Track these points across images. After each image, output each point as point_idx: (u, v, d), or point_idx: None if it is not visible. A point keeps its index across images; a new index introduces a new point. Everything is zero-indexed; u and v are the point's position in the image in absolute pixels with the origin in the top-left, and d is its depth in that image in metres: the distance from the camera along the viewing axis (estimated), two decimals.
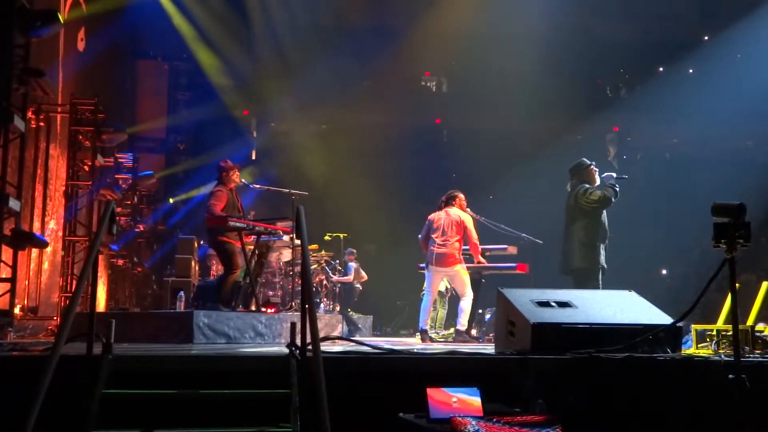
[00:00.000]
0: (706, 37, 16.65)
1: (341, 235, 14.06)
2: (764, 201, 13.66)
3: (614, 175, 8.05)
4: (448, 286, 11.47)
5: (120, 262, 13.83)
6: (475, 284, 9.39)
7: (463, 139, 18.93)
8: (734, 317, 4.63)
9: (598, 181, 8.09)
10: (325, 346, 4.95)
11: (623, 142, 19.74)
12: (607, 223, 8.01)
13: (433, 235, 9.24)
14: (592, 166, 8.16)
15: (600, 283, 7.81)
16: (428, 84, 20.65)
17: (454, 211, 9.25)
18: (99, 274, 10.91)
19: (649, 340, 5.47)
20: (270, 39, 16.73)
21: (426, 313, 9.31)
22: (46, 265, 10.21)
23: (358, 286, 13.94)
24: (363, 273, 14.01)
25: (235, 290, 9.16)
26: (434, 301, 9.40)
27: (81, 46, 11.60)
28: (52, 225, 10.44)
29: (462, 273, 9.15)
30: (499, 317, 6.13)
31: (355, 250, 14.13)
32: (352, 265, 13.80)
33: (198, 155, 16.99)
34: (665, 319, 5.79)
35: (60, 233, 10.73)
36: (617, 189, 7.87)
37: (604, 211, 8.02)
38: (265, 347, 6.92)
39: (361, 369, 4.86)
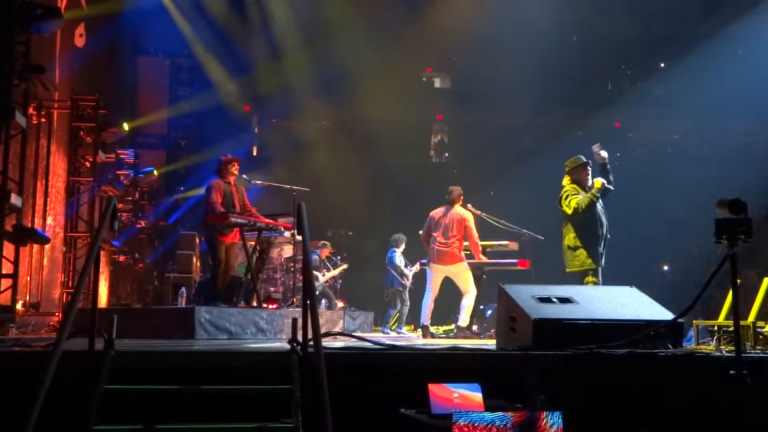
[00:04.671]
0: (706, 33, 16.63)
1: (342, 231, 14.06)
2: (765, 197, 13.67)
3: (603, 182, 7.88)
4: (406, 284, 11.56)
5: (121, 258, 13.84)
6: (476, 280, 9.40)
7: (465, 135, 18.97)
8: (736, 313, 4.63)
9: (590, 181, 7.97)
10: (327, 342, 4.95)
11: (625, 137, 19.73)
12: (601, 223, 7.86)
13: (435, 233, 9.22)
14: (587, 165, 8.05)
15: (600, 280, 7.75)
16: (430, 80, 20.66)
17: (456, 209, 9.23)
18: (100, 270, 10.98)
19: (650, 335, 5.46)
20: (271, 35, 16.73)
21: (427, 309, 9.31)
22: (45, 262, 10.22)
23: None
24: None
25: (236, 286, 9.15)
26: (434, 297, 9.39)
27: (80, 42, 11.58)
28: (49, 221, 10.44)
29: (464, 270, 9.14)
30: (501, 313, 6.13)
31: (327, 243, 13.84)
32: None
33: (199, 151, 17.00)
34: (666, 315, 5.78)
35: (58, 229, 10.73)
36: (595, 200, 7.72)
37: (599, 212, 7.89)
38: (267, 343, 6.92)
39: (363, 365, 4.86)
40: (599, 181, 7.81)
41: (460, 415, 3.89)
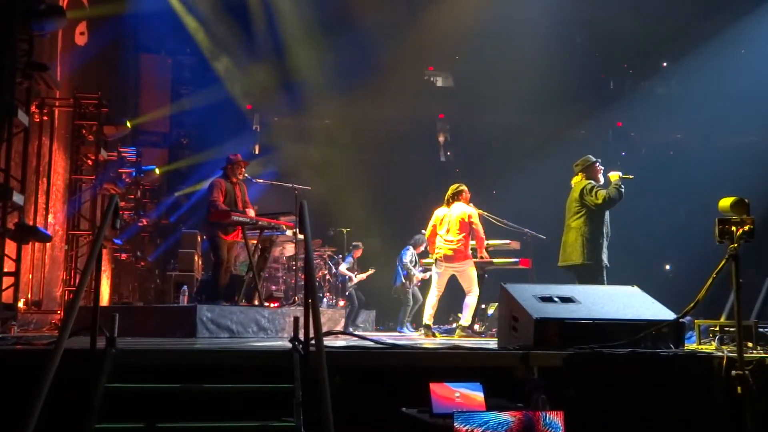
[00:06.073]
0: (708, 33, 16.59)
1: (344, 230, 14.05)
2: (767, 197, 13.64)
3: (620, 174, 7.96)
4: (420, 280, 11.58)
5: (123, 256, 13.85)
6: (478, 279, 9.38)
7: (467, 134, 18.94)
8: (738, 313, 4.63)
9: (602, 179, 8.06)
10: (328, 341, 4.95)
11: (627, 137, 19.70)
12: (608, 221, 7.98)
13: (440, 232, 9.18)
14: (597, 164, 8.13)
15: (605, 279, 7.80)
16: (432, 78, 20.62)
17: (461, 207, 9.18)
18: (102, 268, 10.99)
19: (652, 335, 5.46)
20: (273, 33, 16.72)
21: (431, 308, 9.27)
22: (46, 259, 10.23)
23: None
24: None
25: (238, 284, 9.15)
26: (439, 296, 9.36)
27: (81, 40, 11.59)
28: (50, 219, 10.46)
29: (470, 269, 9.10)
30: (502, 312, 6.13)
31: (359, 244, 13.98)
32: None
33: (201, 150, 16.99)
34: (668, 315, 5.78)
35: (58, 227, 10.73)
36: (622, 190, 7.80)
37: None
38: (268, 342, 6.93)
39: (364, 364, 4.86)
40: (616, 174, 7.91)
41: (461, 415, 3.89)
